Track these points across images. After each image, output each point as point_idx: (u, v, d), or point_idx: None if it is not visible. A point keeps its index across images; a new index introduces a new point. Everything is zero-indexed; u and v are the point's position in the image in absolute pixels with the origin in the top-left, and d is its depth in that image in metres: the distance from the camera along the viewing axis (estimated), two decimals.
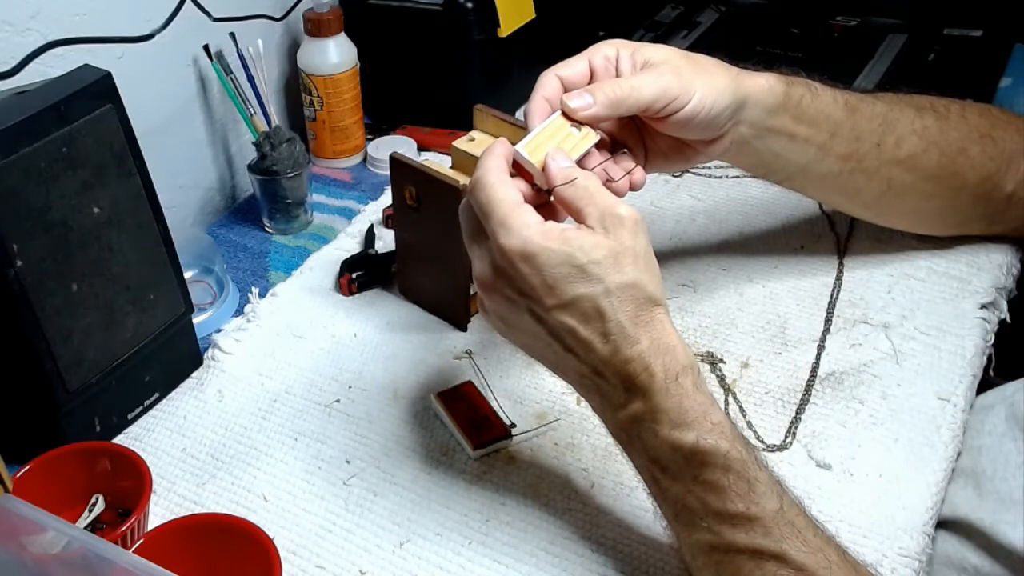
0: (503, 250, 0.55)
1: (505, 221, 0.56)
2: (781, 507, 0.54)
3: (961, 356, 0.77)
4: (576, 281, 0.55)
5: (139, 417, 0.76)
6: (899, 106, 0.78)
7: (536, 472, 0.70)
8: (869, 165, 0.78)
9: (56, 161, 0.64)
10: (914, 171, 0.79)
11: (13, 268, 0.62)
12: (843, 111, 0.75)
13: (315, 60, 1.02)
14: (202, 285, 0.87)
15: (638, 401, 0.56)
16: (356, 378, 0.78)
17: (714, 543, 0.55)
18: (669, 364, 0.56)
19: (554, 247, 0.55)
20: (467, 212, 0.60)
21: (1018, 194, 0.81)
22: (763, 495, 0.54)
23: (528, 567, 0.63)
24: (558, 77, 0.65)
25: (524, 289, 0.56)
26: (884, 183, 0.80)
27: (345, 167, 1.09)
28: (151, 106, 0.88)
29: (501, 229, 0.56)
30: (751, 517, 0.54)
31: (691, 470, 0.55)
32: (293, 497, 0.69)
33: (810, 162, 0.76)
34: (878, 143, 0.77)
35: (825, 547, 0.54)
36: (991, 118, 0.81)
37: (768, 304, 0.84)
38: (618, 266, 0.55)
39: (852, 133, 0.76)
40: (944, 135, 0.79)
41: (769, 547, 0.53)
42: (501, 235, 0.55)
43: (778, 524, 0.54)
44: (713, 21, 1.32)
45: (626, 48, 0.67)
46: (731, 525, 0.54)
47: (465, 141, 0.80)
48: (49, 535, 0.55)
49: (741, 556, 0.54)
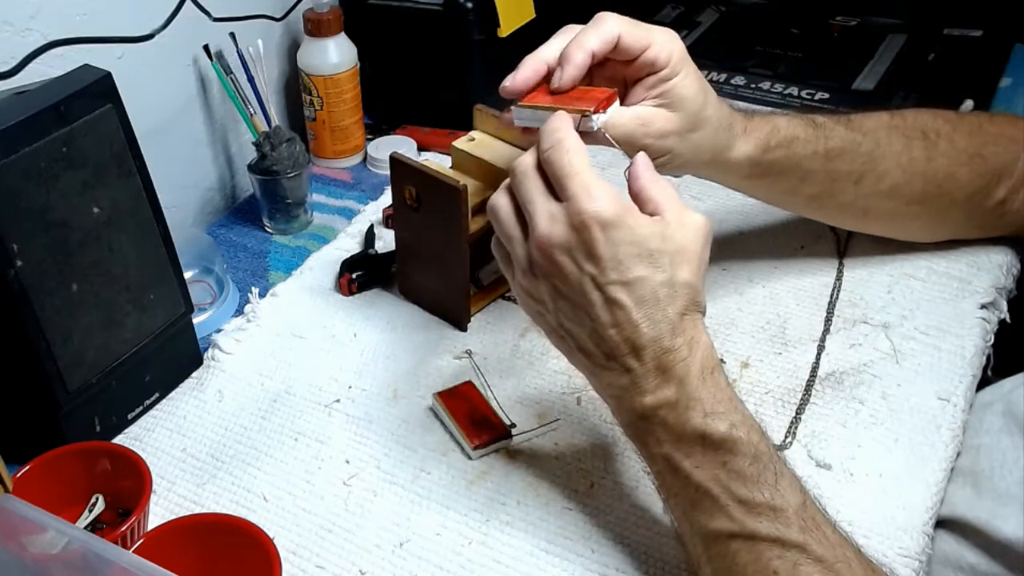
0: (585, 215, 0.56)
1: (590, 187, 0.57)
2: (804, 502, 0.55)
3: (961, 356, 0.77)
4: (644, 263, 0.56)
5: (139, 417, 0.76)
6: (889, 138, 0.78)
7: (536, 472, 0.70)
8: (844, 200, 0.79)
9: (56, 161, 0.64)
10: (895, 199, 0.80)
11: (13, 268, 0.62)
12: (821, 161, 0.76)
13: (315, 60, 1.02)
14: (202, 285, 0.87)
15: (671, 388, 0.57)
16: (356, 378, 0.78)
17: (735, 531, 0.55)
18: (704, 361, 0.58)
19: (633, 225, 0.56)
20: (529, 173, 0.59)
21: (1010, 200, 0.81)
22: (787, 488, 0.55)
23: (528, 567, 0.63)
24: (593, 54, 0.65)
25: (594, 256, 0.56)
26: (860, 212, 0.81)
27: (345, 167, 1.09)
28: (151, 106, 0.88)
29: (585, 193, 0.56)
30: (776, 508, 0.55)
31: (720, 456, 0.56)
32: (293, 497, 0.69)
33: (777, 200, 0.81)
34: (856, 181, 0.78)
35: (844, 544, 0.55)
36: (982, 136, 0.80)
37: (768, 304, 0.84)
38: (684, 263, 0.57)
39: (827, 178, 0.77)
40: (931, 163, 0.79)
41: (792, 538, 0.54)
42: (584, 199, 0.56)
43: (801, 517, 0.55)
44: (713, 21, 1.32)
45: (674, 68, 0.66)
46: (756, 514, 0.55)
47: (465, 141, 0.80)
48: (49, 535, 0.55)
49: (762, 544, 0.54)
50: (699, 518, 0.57)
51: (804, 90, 1.15)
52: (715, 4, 1.36)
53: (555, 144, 0.58)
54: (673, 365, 0.57)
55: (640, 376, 0.57)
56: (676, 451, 0.57)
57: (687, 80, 0.66)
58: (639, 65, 0.66)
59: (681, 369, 0.57)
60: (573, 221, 0.56)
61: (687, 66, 0.66)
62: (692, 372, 0.57)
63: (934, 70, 1.17)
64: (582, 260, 0.57)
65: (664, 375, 0.57)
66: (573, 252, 0.57)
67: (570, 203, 0.57)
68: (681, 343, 0.57)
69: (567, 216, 0.57)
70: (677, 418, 0.57)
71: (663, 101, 0.66)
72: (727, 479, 0.56)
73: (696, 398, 0.56)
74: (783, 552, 0.54)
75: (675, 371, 0.57)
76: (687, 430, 0.57)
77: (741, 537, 0.55)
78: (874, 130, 0.78)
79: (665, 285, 0.57)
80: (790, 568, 0.53)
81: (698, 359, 0.57)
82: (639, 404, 0.58)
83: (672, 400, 0.57)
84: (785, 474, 0.56)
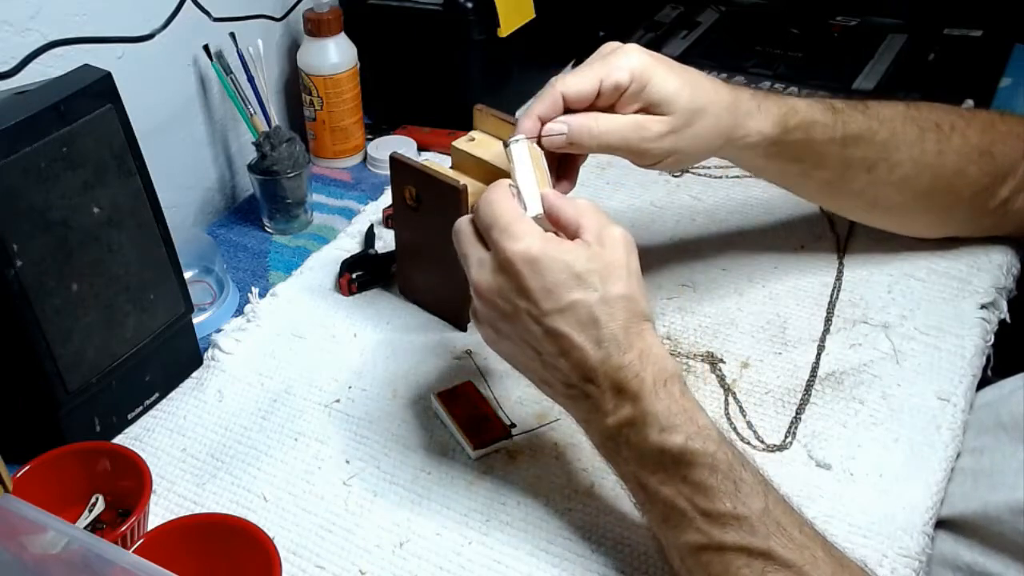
0: (507, 254, 0.58)
1: (509, 228, 0.59)
2: (766, 506, 0.55)
3: (961, 356, 0.77)
4: (574, 288, 0.57)
5: (139, 417, 0.76)
6: (904, 128, 0.78)
7: (536, 472, 0.70)
8: (855, 187, 0.79)
9: (56, 161, 0.64)
10: (905, 192, 0.80)
11: (13, 268, 0.62)
12: (838, 147, 0.76)
13: (315, 60, 1.02)
14: (202, 285, 0.87)
15: (627, 406, 0.57)
16: (356, 378, 0.78)
17: (703, 543, 0.56)
18: (657, 372, 0.58)
19: (555, 254, 0.58)
20: (463, 228, 0.63)
21: (1012, 200, 0.81)
22: (748, 495, 0.55)
23: (528, 567, 0.63)
24: (563, 95, 0.67)
25: (524, 292, 0.58)
26: (869, 202, 0.82)
27: (345, 167, 1.09)
28: (151, 106, 0.88)
29: (506, 235, 0.58)
30: (738, 516, 0.55)
31: (680, 471, 0.56)
32: (293, 497, 0.69)
33: (788, 183, 0.81)
34: (869, 169, 0.78)
35: (811, 544, 0.55)
36: (993, 133, 0.80)
37: (768, 304, 0.84)
38: (613, 278, 0.58)
39: (841, 164, 0.77)
40: (941, 158, 0.79)
41: (756, 545, 0.54)
42: (505, 240, 0.58)
43: (764, 522, 0.55)
44: (713, 21, 1.32)
45: (640, 79, 0.67)
46: (720, 524, 0.55)
47: (465, 141, 0.80)
48: (49, 535, 0.55)
49: (729, 554, 0.55)
50: (670, 533, 0.58)
51: (804, 90, 1.15)
52: (715, 4, 1.36)
53: (480, 202, 0.61)
54: (627, 382, 0.57)
55: (599, 399, 0.58)
56: (641, 469, 0.58)
57: (661, 83, 0.67)
58: (606, 97, 0.67)
59: (635, 385, 0.57)
60: (498, 265, 0.59)
61: (655, 70, 0.67)
62: (646, 386, 0.57)
63: (934, 70, 1.17)
64: (515, 298, 0.58)
65: (620, 394, 0.57)
66: (505, 292, 0.59)
67: (495, 247, 0.59)
68: (631, 358, 0.57)
69: (493, 260, 0.59)
70: (637, 435, 0.57)
71: (646, 110, 0.68)
72: (690, 492, 0.56)
73: (652, 413, 0.57)
74: (750, 560, 0.54)
75: (630, 388, 0.57)
76: (647, 447, 0.57)
77: (711, 549, 0.55)
78: (891, 119, 0.78)
79: (601, 303, 0.57)
80: (758, 575, 0.54)
81: (650, 373, 0.57)
82: (603, 426, 0.59)
83: (631, 418, 0.57)
84: (746, 479, 0.56)
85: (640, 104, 0.67)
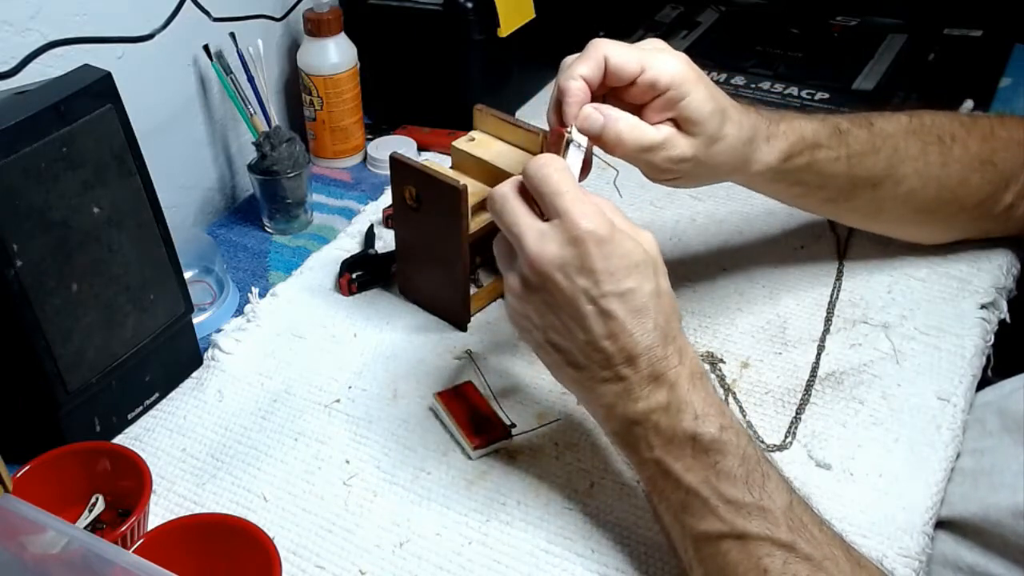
0: (579, 231, 0.57)
1: (579, 205, 0.58)
2: (791, 503, 0.56)
3: (961, 356, 0.77)
4: (633, 274, 0.58)
5: (139, 417, 0.76)
6: (907, 143, 0.78)
7: (536, 472, 0.70)
8: (859, 202, 0.79)
9: (56, 161, 0.64)
10: (909, 204, 0.80)
11: (13, 268, 0.62)
12: (843, 167, 0.76)
13: (315, 60, 1.02)
14: (202, 285, 0.87)
15: (663, 393, 0.58)
16: (356, 378, 0.78)
17: (723, 532, 0.56)
18: (694, 367, 0.60)
19: (621, 239, 0.58)
20: (511, 197, 0.61)
21: (1016, 205, 0.81)
22: (775, 490, 0.56)
23: (528, 567, 0.63)
24: (607, 58, 0.65)
25: (589, 271, 0.58)
26: (873, 213, 0.81)
27: (345, 167, 1.09)
28: (151, 106, 0.88)
29: (578, 210, 0.58)
30: (763, 508, 0.56)
31: (710, 458, 0.57)
32: (293, 497, 0.69)
33: (790, 202, 0.81)
34: (874, 186, 0.78)
35: (831, 543, 0.56)
36: (994, 141, 0.80)
37: (768, 304, 0.84)
38: (661, 274, 0.60)
39: (847, 183, 0.77)
40: (945, 169, 0.79)
41: (780, 537, 0.55)
42: (578, 215, 0.57)
43: (788, 517, 0.55)
44: (713, 21, 1.33)
45: (679, 89, 0.65)
46: (745, 514, 0.56)
47: (465, 141, 0.80)
48: (49, 535, 0.55)
49: (752, 544, 0.55)
50: (689, 520, 0.58)
51: (804, 90, 1.15)
52: (715, 4, 1.36)
53: (543, 164, 0.60)
54: (665, 371, 0.58)
55: (634, 384, 0.59)
56: (667, 454, 0.58)
57: (699, 103, 0.65)
58: (640, 89, 0.66)
59: (673, 375, 0.58)
60: (567, 237, 0.58)
61: (697, 87, 0.65)
62: (683, 377, 0.59)
63: (934, 70, 1.17)
64: (575, 275, 0.58)
65: (656, 381, 0.58)
66: (567, 268, 0.58)
67: (563, 220, 0.58)
68: (672, 351, 0.59)
69: (560, 233, 0.58)
70: (669, 421, 0.58)
71: (675, 121, 0.66)
72: (716, 480, 0.57)
73: (687, 402, 0.58)
74: (772, 550, 0.55)
75: (667, 377, 0.58)
76: (678, 433, 0.58)
77: (731, 537, 0.56)
78: (893, 135, 0.78)
79: (654, 295, 0.59)
80: (780, 565, 0.54)
81: (688, 365, 0.59)
82: (632, 410, 0.59)
83: (664, 404, 0.58)
84: (772, 476, 0.57)
85: (673, 114, 0.66)
